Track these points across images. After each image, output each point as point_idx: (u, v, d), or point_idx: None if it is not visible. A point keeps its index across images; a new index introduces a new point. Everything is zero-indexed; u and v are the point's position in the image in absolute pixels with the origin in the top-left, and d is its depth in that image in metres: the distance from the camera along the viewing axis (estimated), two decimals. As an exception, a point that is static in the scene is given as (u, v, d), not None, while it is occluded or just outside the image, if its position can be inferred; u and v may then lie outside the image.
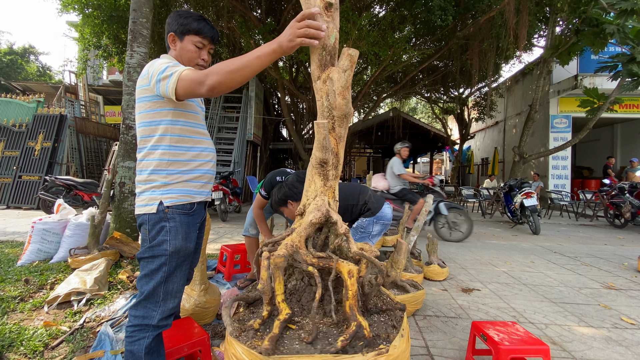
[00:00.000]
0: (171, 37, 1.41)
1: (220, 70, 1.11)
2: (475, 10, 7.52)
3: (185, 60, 1.41)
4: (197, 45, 1.40)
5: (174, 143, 1.34)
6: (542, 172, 11.60)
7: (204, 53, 1.43)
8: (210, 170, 1.48)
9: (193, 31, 1.38)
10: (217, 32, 1.46)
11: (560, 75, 11.21)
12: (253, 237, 2.94)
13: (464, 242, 5.36)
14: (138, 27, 3.54)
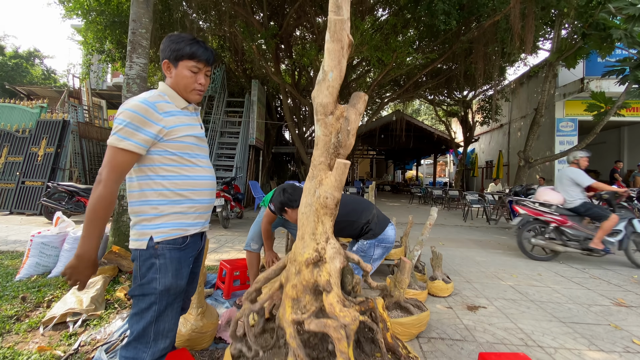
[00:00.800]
0: (165, 65, 1.35)
1: (101, 193, 1.14)
2: (480, 14, 7.42)
3: (181, 87, 1.36)
4: (192, 70, 1.34)
5: (165, 173, 1.29)
6: (548, 176, 11.44)
7: (201, 77, 1.37)
8: (207, 200, 1.42)
9: (186, 56, 1.32)
10: (212, 53, 1.39)
11: (566, 78, 11.06)
12: (255, 252, 2.88)
13: (469, 252, 5.27)
14: (137, 37, 3.49)
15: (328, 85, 1.01)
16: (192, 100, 1.40)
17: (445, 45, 9.45)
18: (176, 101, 1.36)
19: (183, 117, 1.36)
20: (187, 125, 1.37)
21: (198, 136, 1.44)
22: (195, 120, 1.45)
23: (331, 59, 0.98)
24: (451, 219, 8.97)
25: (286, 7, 9.46)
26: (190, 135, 1.37)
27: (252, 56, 8.80)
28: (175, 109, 1.34)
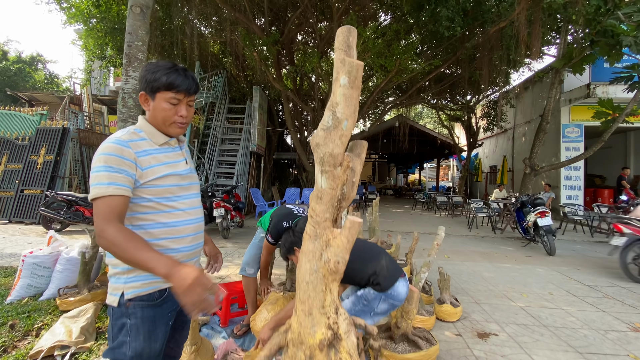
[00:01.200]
0: (142, 97, 1.22)
1: (113, 243, 0.99)
2: (484, 20, 7.29)
3: (160, 121, 1.22)
4: (171, 101, 1.20)
5: (139, 222, 1.16)
6: (554, 183, 11.26)
7: (182, 109, 1.23)
8: (189, 247, 1.28)
9: (164, 87, 1.17)
10: (193, 82, 1.25)
11: (571, 83, 10.89)
12: (251, 277, 2.75)
13: (476, 266, 5.11)
14: (133, 50, 3.39)
15: (341, 135, 0.88)
16: (172, 134, 1.26)
17: (448, 51, 9.33)
18: (154, 137, 1.23)
19: (161, 156, 1.22)
20: (166, 165, 1.23)
21: (181, 174, 1.28)
22: (177, 156, 1.31)
23: (347, 106, 0.85)
24: (456, 228, 8.81)
25: (288, 13, 9.37)
26: (170, 175, 1.23)
27: (253, 63, 8.70)
28: (152, 147, 1.20)
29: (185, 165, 1.35)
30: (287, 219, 2.50)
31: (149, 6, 3.47)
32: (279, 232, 2.46)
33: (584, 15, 5.61)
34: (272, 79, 9.10)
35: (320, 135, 0.90)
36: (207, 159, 9.60)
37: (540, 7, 5.83)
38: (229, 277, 4.20)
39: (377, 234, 4.16)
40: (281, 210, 2.70)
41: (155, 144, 1.22)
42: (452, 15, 6.63)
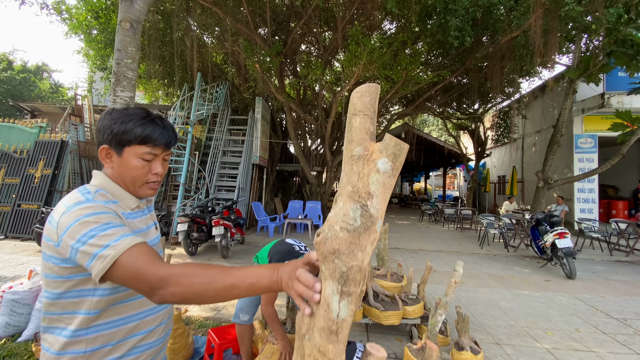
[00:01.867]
0: (104, 151, 0.95)
1: (190, 282, 0.70)
2: (495, 30, 7.01)
3: (128, 181, 0.96)
4: (145, 157, 0.94)
5: (97, 322, 0.88)
6: (567, 195, 10.85)
7: (157, 165, 0.98)
8: (161, 338, 1.03)
9: (137, 140, 0.92)
10: (172, 133, 1.00)
11: (584, 92, 10.54)
12: (245, 324, 2.43)
13: (492, 293, 4.75)
14: (122, 69, 3.14)
15: (374, 239, 0.60)
16: (143, 195, 1.00)
17: (456, 60, 9.05)
18: (124, 200, 0.97)
19: (136, 223, 0.99)
20: (142, 233, 1.00)
21: (155, 244, 1.06)
22: (148, 221, 1.06)
23: (385, 199, 0.58)
24: (466, 244, 8.43)
25: (291, 23, 9.18)
26: None
27: (256, 74, 8.50)
28: (123, 211, 0.95)
29: (156, 232, 1.10)
30: (289, 258, 2.20)
31: (140, 21, 3.23)
32: None
33: (605, 24, 5.31)
34: (275, 91, 8.88)
35: (342, 239, 0.60)
36: (207, 172, 9.36)
37: (556, 16, 5.54)
38: (225, 309, 3.89)
39: (386, 264, 3.85)
40: (280, 247, 2.39)
41: (128, 208, 0.97)
42: (461, 24, 6.37)
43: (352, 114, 0.65)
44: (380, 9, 7.92)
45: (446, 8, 6.14)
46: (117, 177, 0.96)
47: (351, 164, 0.64)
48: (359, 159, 0.63)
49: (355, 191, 0.62)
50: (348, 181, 0.63)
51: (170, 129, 0.99)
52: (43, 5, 8.51)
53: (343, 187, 0.64)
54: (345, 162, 0.66)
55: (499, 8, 6.61)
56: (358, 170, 0.63)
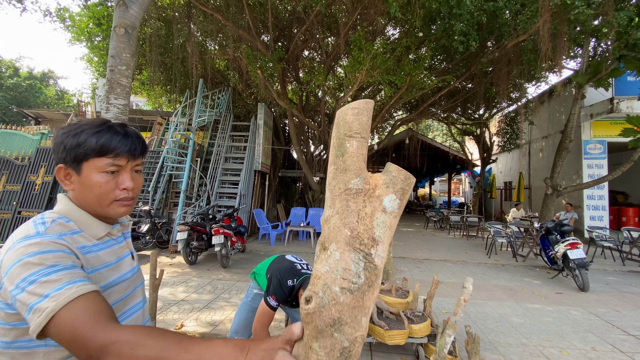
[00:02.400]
0: (61, 172, 0.82)
1: (134, 355, 0.54)
2: (501, 34, 6.87)
3: (93, 202, 0.82)
4: (108, 170, 0.81)
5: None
6: (576, 202, 10.58)
7: (125, 178, 0.84)
8: None
9: (94, 152, 0.79)
10: (137, 140, 0.86)
11: (592, 97, 10.33)
12: None
13: (502, 307, 4.54)
14: (116, 75, 3.04)
15: (376, 296, 0.45)
16: (115, 215, 0.86)
17: (460, 66, 8.91)
18: (90, 228, 0.83)
19: (103, 255, 0.83)
20: (111, 267, 0.84)
21: (127, 279, 0.89)
22: (122, 250, 0.91)
23: (388, 243, 0.43)
24: (473, 253, 8.20)
25: (293, 29, 9.11)
26: (116, 285, 0.84)
27: (257, 80, 8.42)
28: (90, 243, 0.81)
29: (132, 263, 0.94)
30: (292, 277, 2.03)
31: (135, 26, 3.13)
32: (284, 292, 1.97)
33: (616, 28, 5.15)
34: (277, 97, 8.79)
35: (343, 304, 0.45)
36: (209, 179, 9.26)
37: (565, 20, 5.39)
38: (222, 324, 3.73)
39: (391, 278, 3.68)
40: (280, 263, 2.22)
41: (93, 239, 0.82)
42: (466, 29, 6.23)
43: (346, 135, 0.50)
44: (384, 14, 7.83)
45: (451, 12, 6.02)
46: (81, 200, 0.83)
47: (346, 200, 0.49)
48: (357, 193, 0.49)
49: (356, 236, 0.47)
50: (344, 223, 0.48)
51: (134, 136, 0.86)
52: (46, 13, 8.53)
53: (336, 230, 0.49)
54: (335, 195, 0.51)
55: (505, 12, 6.48)
56: (357, 209, 0.48)
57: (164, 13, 8.47)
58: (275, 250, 8.11)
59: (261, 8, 8.26)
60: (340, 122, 0.53)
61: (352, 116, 0.51)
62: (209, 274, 5.89)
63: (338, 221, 0.49)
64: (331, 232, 0.49)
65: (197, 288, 5.00)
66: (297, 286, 1.97)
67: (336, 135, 0.53)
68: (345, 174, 0.50)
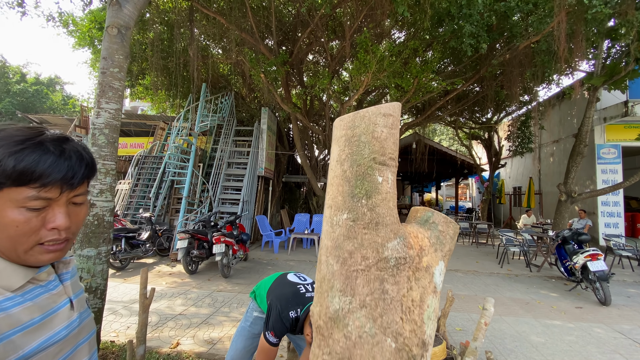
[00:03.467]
0: None
1: None
2: (512, 35, 6.63)
3: (4, 245, 0.59)
4: (31, 206, 0.59)
5: None
6: (590, 209, 10.22)
7: (56, 214, 0.62)
8: None
9: (9, 181, 0.57)
10: (77, 163, 0.63)
11: (605, 101, 10.01)
12: None
13: (520, 324, 4.25)
14: (108, 78, 2.86)
15: None
16: (35, 264, 0.63)
17: (469, 68, 8.66)
18: (2, 278, 0.60)
19: (18, 312, 0.59)
20: (32, 328, 0.60)
21: (61, 339, 0.65)
22: (53, 300, 0.67)
23: None
24: (484, 263, 7.89)
25: (297, 32, 8.96)
26: (40, 351, 0.60)
27: (261, 84, 8.26)
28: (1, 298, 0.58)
29: (69, 315, 0.69)
30: (294, 306, 1.76)
31: (129, 27, 2.95)
32: (284, 325, 1.72)
33: (636, 27, 4.88)
34: (281, 101, 8.62)
35: None
36: (211, 185, 9.08)
37: (582, 19, 5.14)
38: (220, 342, 3.50)
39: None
40: (282, 288, 1.94)
41: (6, 290, 0.60)
42: (476, 31, 6.00)
43: (375, 162, 0.28)
44: (390, 16, 7.63)
45: (460, 13, 5.80)
46: None
47: (380, 280, 0.27)
48: (398, 266, 0.27)
49: (402, 348, 0.25)
50: (381, 325, 0.26)
51: (74, 155, 0.63)
52: (49, 18, 8.48)
53: (366, 343, 0.26)
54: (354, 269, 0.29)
55: (516, 13, 6.24)
56: (401, 296, 0.26)
57: (167, 17, 8.36)
58: (279, 258, 7.88)
59: (265, 11, 8.12)
60: (362, 135, 0.30)
61: (386, 129, 0.30)
62: (209, 284, 5.67)
63: (367, 323, 0.27)
64: (355, 350, 0.27)
65: (196, 300, 4.78)
66: (303, 317, 1.72)
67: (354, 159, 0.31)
68: (376, 231, 0.28)
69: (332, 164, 0.40)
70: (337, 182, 0.31)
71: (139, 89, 10.73)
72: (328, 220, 0.31)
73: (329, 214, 0.31)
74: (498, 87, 8.95)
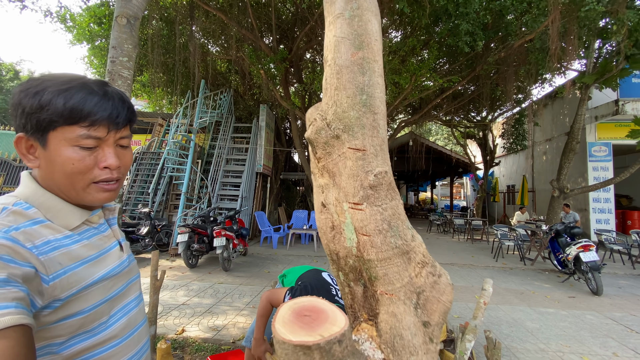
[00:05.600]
0: (22, 144, 0.64)
1: None
2: (507, 33, 6.79)
3: (63, 184, 0.65)
4: (83, 144, 0.63)
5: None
6: (582, 205, 10.46)
7: (106, 154, 0.67)
8: None
9: (61, 118, 0.61)
10: (121, 104, 0.68)
11: (597, 99, 10.25)
12: None
13: (515, 312, 4.38)
14: (117, 67, 2.91)
15: None
16: (92, 202, 0.69)
17: (465, 67, 8.83)
18: (59, 217, 0.66)
19: (78, 249, 0.65)
20: (90, 263, 0.67)
21: (115, 275, 0.72)
22: (106, 241, 0.74)
23: None
24: (480, 257, 8.04)
25: (296, 30, 9.04)
26: (97, 284, 0.67)
27: (260, 81, 8.32)
28: (59, 235, 0.64)
29: (120, 255, 0.76)
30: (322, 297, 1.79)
31: (138, 17, 3.01)
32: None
33: (627, 25, 5.06)
34: (280, 98, 8.69)
35: None
36: (210, 181, 9.12)
37: (575, 18, 5.30)
38: (225, 329, 3.57)
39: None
40: (316, 278, 1.89)
41: (65, 229, 0.65)
42: (472, 29, 6.15)
43: None
44: (389, 14, 7.75)
45: (457, 11, 5.93)
46: (48, 180, 0.65)
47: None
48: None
49: None
50: None
51: (117, 97, 0.68)
52: (47, 13, 8.45)
53: None
54: None
55: (511, 12, 6.40)
56: None
57: (166, 13, 8.39)
58: (278, 253, 7.94)
59: (265, 8, 8.19)
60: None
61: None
62: (210, 277, 5.72)
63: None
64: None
65: (198, 292, 4.83)
66: None
67: None
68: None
69: None
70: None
71: (136, 85, 10.71)
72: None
73: None
74: (493, 85, 9.13)
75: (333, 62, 0.31)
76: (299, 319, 0.34)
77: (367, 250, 0.36)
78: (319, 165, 0.33)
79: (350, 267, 0.32)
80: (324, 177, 0.33)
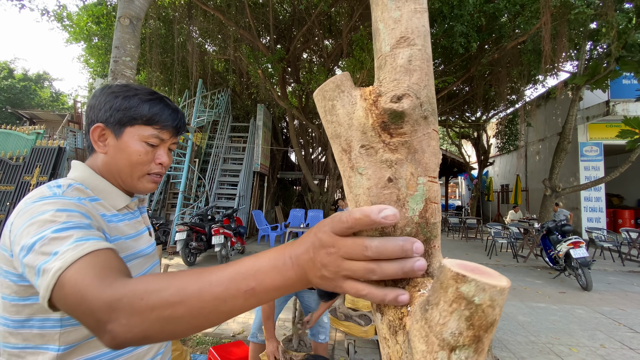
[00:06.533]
0: (97, 132, 0.75)
1: (151, 305, 0.40)
2: (501, 35, 6.93)
3: (125, 170, 0.76)
4: (151, 142, 0.76)
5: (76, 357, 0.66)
6: (574, 204, 10.66)
7: (162, 153, 0.79)
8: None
9: (142, 119, 0.75)
10: (182, 118, 0.83)
11: (588, 100, 10.45)
12: (262, 344, 2.19)
13: (507, 306, 4.50)
14: (120, 67, 2.98)
15: None
16: (142, 190, 0.80)
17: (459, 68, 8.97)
18: (109, 198, 0.76)
19: (123, 226, 0.76)
20: (131, 240, 0.77)
21: (145, 254, 0.82)
22: (139, 225, 0.84)
23: None
24: (473, 255, 8.19)
25: (293, 30, 9.13)
26: (134, 259, 0.76)
27: (258, 80, 8.39)
28: (107, 212, 0.73)
29: (149, 239, 0.87)
30: None
31: (140, 17, 3.08)
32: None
33: (616, 28, 5.22)
34: (277, 97, 8.77)
35: None
36: (207, 180, 9.17)
37: (565, 20, 5.45)
38: (225, 323, 3.64)
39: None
40: None
41: (113, 209, 0.76)
42: (466, 30, 6.28)
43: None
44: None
45: (452, 13, 6.06)
46: (107, 166, 0.76)
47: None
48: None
49: None
50: None
51: (180, 113, 0.84)
52: (44, 12, 8.45)
53: None
54: None
55: (504, 14, 6.54)
56: None
57: (164, 12, 8.43)
58: (275, 251, 8.01)
59: (262, 8, 8.26)
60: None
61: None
62: (209, 274, 5.78)
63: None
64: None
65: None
66: None
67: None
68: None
69: None
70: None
71: (133, 85, 10.73)
72: None
73: None
74: (487, 86, 9.29)
75: (424, 49, 0.35)
76: (467, 269, 0.33)
77: (434, 215, 0.43)
78: (393, 140, 0.39)
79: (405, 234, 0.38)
80: (398, 153, 0.38)
